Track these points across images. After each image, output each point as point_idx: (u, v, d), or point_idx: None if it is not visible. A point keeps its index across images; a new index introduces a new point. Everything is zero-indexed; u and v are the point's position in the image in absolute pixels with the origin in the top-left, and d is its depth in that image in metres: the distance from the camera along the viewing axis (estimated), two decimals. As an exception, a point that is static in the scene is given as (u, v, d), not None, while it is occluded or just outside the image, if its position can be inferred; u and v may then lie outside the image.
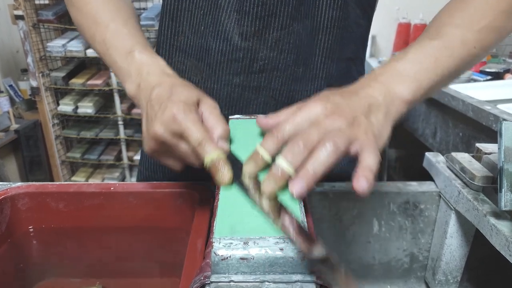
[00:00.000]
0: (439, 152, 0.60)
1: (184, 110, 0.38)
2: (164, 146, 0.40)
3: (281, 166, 0.33)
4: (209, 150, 0.37)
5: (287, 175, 0.33)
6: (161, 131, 0.38)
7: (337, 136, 0.33)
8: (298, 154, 0.33)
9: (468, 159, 0.52)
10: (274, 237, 0.29)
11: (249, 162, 0.35)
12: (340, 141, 0.33)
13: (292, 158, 0.33)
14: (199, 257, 0.38)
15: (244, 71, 0.52)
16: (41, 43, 1.95)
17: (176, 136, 0.38)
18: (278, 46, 0.51)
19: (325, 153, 0.32)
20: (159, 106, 0.39)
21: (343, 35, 0.53)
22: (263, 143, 0.35)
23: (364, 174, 0.32)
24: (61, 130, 2.12)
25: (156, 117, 0.38)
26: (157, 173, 0.65)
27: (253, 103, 0.55)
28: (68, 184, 0.52)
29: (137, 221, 0.52)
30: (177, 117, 0.37)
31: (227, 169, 0.36)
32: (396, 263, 0.60)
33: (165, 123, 0.38)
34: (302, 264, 0.29)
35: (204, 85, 0.55)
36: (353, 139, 0.34)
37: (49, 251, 0.54)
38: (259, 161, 0.35)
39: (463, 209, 0.48)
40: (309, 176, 0.32)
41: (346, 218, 0.57)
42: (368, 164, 0.33)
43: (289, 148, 0.33)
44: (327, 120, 0.34)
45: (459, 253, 0.53)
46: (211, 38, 0.52)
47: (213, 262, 0.29)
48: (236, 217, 0.31)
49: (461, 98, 1.22)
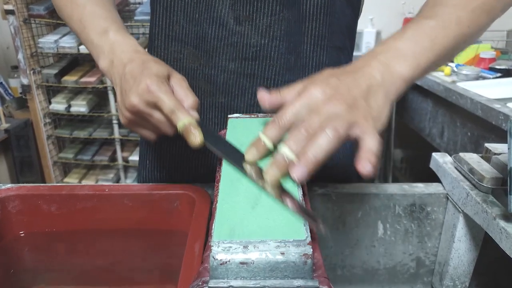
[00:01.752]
0: (446, 152, 0.61)
1: (157, 82, 0.44)
2: (139, 116, 0.46)
3: (284, 154, 0.35)
4: (181, 117, 0.43)
5: (289, 162, 0.35)
6: (137, 101, 0.44)
7: (337, 122, 0.35)
8: (300, 141, 0.35)
9: (477, 159, 0.52)
10: (275, 241, 0.29)
11: (251, 149, 0.38)
12: (340, 127, 0.35)
13: (295, 146, 0.35)
14: (197, 261, 0.38)
15: (238, 57, 0.55)
16: (32, 39, 1.95)
17: (150, 105, 0.44)
18: (269, 32, 0.54)
19: (326, 139, 0.34)
20: (133, 80, 0.45)
21: (331, 22, 0.56)
22: (266, 131, 0.37)
23: (367, 157, 0.34)
24: (53, 130, 2.12)
25: (132, 90, 0.44)
26: (154, 172, 0.66)
27: (248, 91, 0.57)
28: (60, 185, 0.52)
29: (132, 224, 0.52)
30: (151, 88, 0.43)
31: (198, 131, 0.43)
32: (401, 267, 0.60)
33: (140, 94, 0.44)
34: (304, 269, 0.29)
35: (202, 71, 0.58)
36: (352, 124, 0.36)
37: (40, 256, 0.54)
38: (261, 148, 0.37)
39: (472, 212, 0.48)
40: (310, 162, 0.34)
41: (350, 220, 0.57)
42: (369, 147, 0.35)
43: (291, 136, 0.36)
44: (326, 105, 0.36)
45: (468, 257, 0.53)
46: (206, 24, 0.55)
47: (211, 266, 0.29)
48: (236, 219, 0.31)
49: (469, 96, 1.22)
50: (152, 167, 0.66)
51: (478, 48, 1.66)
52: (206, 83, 0.58)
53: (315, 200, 0.56)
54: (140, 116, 0.46)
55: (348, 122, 0.35)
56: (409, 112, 1.79)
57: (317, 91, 0.37)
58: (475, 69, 1.49)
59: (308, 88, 0.38)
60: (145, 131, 0.49)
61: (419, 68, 0.42)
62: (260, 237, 0.29)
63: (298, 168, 0.34)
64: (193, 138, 0.43)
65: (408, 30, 0.44)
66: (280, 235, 0.29)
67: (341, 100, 0.36)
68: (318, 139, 0.34)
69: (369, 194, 0.56)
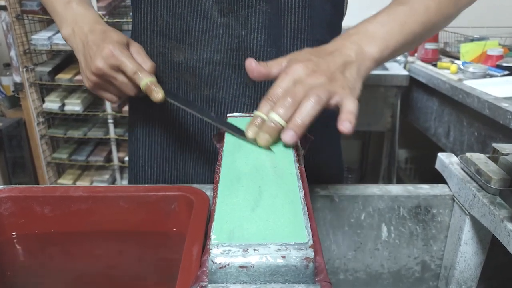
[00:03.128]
0: (452, 152, 0.61)
1: (119, 48, 0.52)
2: (104, 79, 0.54)
3: (274, 119, 0.41)
4: (143, 77, 0.52)
5: (279, 127, 0.41)
6: (102, 65, 0.52)
7: (319, 90, 0.41)
8: (287, 108, 0.41)
9: (484, 160, 0.52)
10: (276, 244, 0.29)
11: (251, 127, 0.43)
12: (322, 94, 0.41)
13: (283, 112, 0.41)
14: (195, 265, 0.38)
15: (224, 48, 0.58)
16: (25, 35, 1.95)
17: (114, 69, 0.52)
18: (247, 24, 0.57)
19: (310, 105, 0.40)
20: (96, 46, 0.52)
21: (310, 15, 0.58)
22: (260, 108, 0.43)
23: (347, 118, 0.40)
24: (46, 129, 2.12)
25: (96, 55, 0.52)
26: (145, 168, 0.68)
27: (234, 83, 0.60)
28: (54, 187, 0.52)
29: (128, 226, 0.52)
30: (114, 53, 0.51)
31: (159, 88, 0.52)
32: (406, 271, 0.60)
33: (104, 58, 0.51)
34: (306, 273, 0.29)
35: (187, 65, 0.60)
36: (333, 93, 0.42)
37: (33, 259, 0.54)
38: (260, 123, 0.42)
39: (479, 214, 0.48)
40: (298, 125, 0.40)
41: (353, 223, 0.57)
42: (349, 109, 0.41)
43: (279, 104, 0.41)
44: (309, 78, 0.43)
45: (474, 261, 0.53)
46: (191, 18, 0.58)
47: (210, 270, 0.29)
48: (235, 222, 0.31)
49: (476, 94, 1.22)
50: (143, 162, 0.68)
51: (485, 45, 1.66)
52: (191, 76, 0.60)
53: (316, 202, 0.56)
54: (104, 79, 0.54)
55: (328, 91, 0.41)
56: (414, 111, 1.79)
57: (301, 67, 0.43)
58: (482, 67, 1.49)
59: (293, 65, 0.44)
60: (109, 94, 0.57)
61: (388, 50, 0.49)
62: (260, 240, 0.29)
63: (288, 132, 0.40)
64: (155, 94, 0.52)
65: (381, 14, 0.51)
66: (281, 238, 0.29)
67: (322, 74, 0.43)
68: (304, 105, 0.40)
69: (373, 195, 0.56)
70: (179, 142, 0.66)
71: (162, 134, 0.66)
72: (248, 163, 0.39)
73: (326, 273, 0.30)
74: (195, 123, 0.63)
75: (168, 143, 0.66)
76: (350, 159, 2.37)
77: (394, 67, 1.74)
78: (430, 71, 1.59)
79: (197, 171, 0.66)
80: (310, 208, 0.36)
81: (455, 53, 1.78)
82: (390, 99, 1.70)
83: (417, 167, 2.24)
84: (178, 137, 0.66)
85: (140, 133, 0.67)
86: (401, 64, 1.77)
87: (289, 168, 0.38)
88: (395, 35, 0.49)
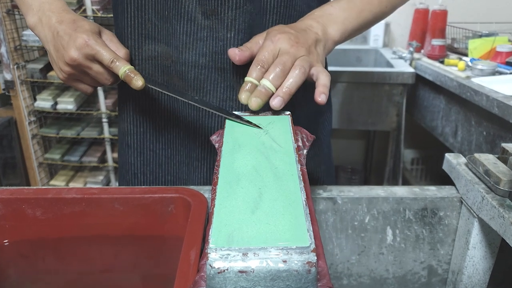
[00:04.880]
0: (460, 153, 0.61)
1: (93, 37, 0.53)
2: (78, 69, 0.54)
3: (265, 85, 0.48)
4: (121, 65, 0.53)
5: (270, 92, 0.48)
6: (76, 55, 0.52)
7: (303, 62, 0.49)
8: (278, 76, 0.48)
9: (493, 160, 0.52)
10: (277, 248, 0.29)
11: (243, 92, 0.49)
12: (306, 66, 0.49)
13: (273, 80, 0.48)
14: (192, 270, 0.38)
15: (208, 51, 0.59)
16: (16, 31, 1.96)
17: (89, 58, 0.53)
18: (234, 26, 0.58)
19: (298, 75, 0.48)
20: (68, 36, 0.52)
21: (290, 14, 0.61)
22: (250, 74, 0.50)
23: (322, 91, 0.48)
24: (38, 129, 2.12)
25: (69, 45, 0.52)
26: (138, 175, 0.69)
27: (220, 86, 0.61)
28: (46, 189, 0.52)
29: (123, 230, 0.52)
30: (88, 42, 0.52)
31: (139, 75, 0.53)
32: (412, 276, 0.60)
33: (79, 48, 0.52)
34: (308, 278, 0.29)
35: (175, 68, 0.61)
36: (311, 64, 0.51)
37: (25, 264, 0.54)
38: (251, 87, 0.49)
39: (487, 217, 0.48)
40: (285, 92, 0.48)
41: (357, 226, 0.58)
42: (324, 83, 0.49)
43: (270, 71, 0.49)
44: (293, 49, 0.50)
45: (483, 266, 0.54)
46: (175, 20, 0.59)
47: (208, 275, 0.29)
48: (234, 225, 0.31)
49: (485, 93, 1.22)
50: (135, 169, 0.69)
51: (494, 41, 1.66)
52: (179, 80, 0.61)
53: (319, 204, 0.56)
54: (79, 70, 0.54)
55: (309, 63, 0.50)
56: (420, 109, 1.79)
57: (285, 37, 0.50)
58: (491, 64, 1.49)
59: (277, 35, 0.51)
60: (83, 85, 0.58)
61: (346, 33, 0.58)
62: (260, 243, 0.29)
63: (277, 98, 0.47)
64: (135, 82, 0.53)
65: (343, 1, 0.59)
66: (282, 241, 0.30)
67: (302, 46, 0.51)
68: (292, 74, 0.48)
69: (377, 197, 0.56)
70: (171, 147, 0.66)
71: (154, 139, 0.67)
72: (248, 163, 0.39)
73: (329, 278, 0.30)
74: (187, 127, 0.64)
75: (160, 148, 0.67)
76: (353, 159, 2.37)
77: (400, 64, 1.74)
78: (437, 68, 1.59)
79: (190, 175, 0.66)
80: (312, 211, 0.36)
81: (463, 50, 1.78)
82: (395, 97, 1.70)
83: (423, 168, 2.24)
84: (170, 142, 0.66)
85: (131, 140, 0.68)
86: (407, 61, 1.77)
87: (290, 169, 0.38)
88: (352, 21, 0.58)
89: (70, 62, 0.53)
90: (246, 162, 0.40)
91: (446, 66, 1.59)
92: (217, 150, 0.44)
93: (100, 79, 0.56)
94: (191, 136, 0.64)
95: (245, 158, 0.40)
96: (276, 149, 0.42)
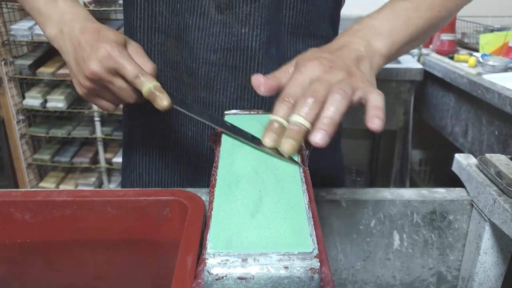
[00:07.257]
0: (471, 153, 0.61)
1: (117, 48, 0.49)
2: (99, 84, 0.50)
3: (297, 121, 0.40)
4: (146, 81, 0.49)
5: (304, 129, 0.40)
6: (98, 68, 0.48)
7: (342, 85, 0.41)
8: (310, 108, 0.40)
9: (505, 161, 0.52)
10: (278, 253, 0.29)
11: (268, 134, 0.41)
12: (347, 89, 0.41)
13: (306, 113, 0.40)
14: (189, 276, 0.38)
15: (220, 47, 0.58)
16: (4, 25, 1.96)
17: (111, 72, 0.49)
18: (249, 21, 0.57)
19: (338, 100, 0.40)
20: (90, 47, 0.49)
21: (308, 9, 0.60)
22: (276, 112, 0.42)
23: (375, 114, 0.40)
24: (27, 128, 2.12)
25: (90, 57, 0.48)
26: (143, 175, 0.68)
27: (231, 85, 0.60)
28: (35, 191, 0.52)
29: (116, 234, 0.52)
30: (112, 54, 0.48)
31: (165, 94, 0.49)
32: (420, 283, 0.60)
33: (100, 61, 0.48)
34: (311, 285, 0.29)
35: (185, 64, 0.61)
36: (355, 89, 0.42)
37: (13, 270, 0.54)
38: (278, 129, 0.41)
39: (499, 221, 0.49)
40: (328, 124, 0.39)
41: (362, 230, 0.58)
42: (376, 104, 0.40)
43: (300, 104, 0.40)
44: (327, 75, 0.42)
45: (495, 272, 0.54)
46: (188, 14, 0.58)
47: (205, 282, 0.29)
48: (233, 229, 0.31)
49: (497, 90, 1.22)
50: (140, 169, 0.69)
51: (506, 35, 1.66)
52: (188, 77, 0.61)
53: (322, 207, 0.56)
54: (100, 84, 0.51)
55: (351, 85, 0.41)
56: (429, 108, 1.79)
57: (316, 64, 0.43)
58: (503, 60, 1.49)
59: (306, 63, 0.44)
60: (104, 101, 0.54)
61: (395, 46, 0.51)
62: (260, 249, 0.29)
63: (317, 133, 0.39)
64: (159, 101, 0.48)
65: (384, 10, 0.53)
66: (284, 246, 0.30)
67: (339, 69, 0.43)
68: (330, 101, 0.40)
69: (384, 200, 0.57)
70: (179, 147, 0.66)
71: (161, 138, 0.66)
72: (247, 165, 0.39)
73: (333, 285, 0.30)
74: (195, 126, 0.63)
75: (167, 148, 0.67)
76: (359, 160, 2.37)
77: (407, 60, 1.74)
78: (446, 64, 1.59)
79: (198, 176, 0.66)
80: (315, 214, 0.36)
81: (474, 45, 1.78)
82: (402, 95, 1.70)
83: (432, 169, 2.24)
84: (177, 142, 0.66)
85: (137, 139, 0.68)
86: (415, 56, 1.77)
87: (292, 170, 0.38)
88: (400, 31, 0.51)
89: (91, 76, 0.49)
90: (245, 163, 0.40)
91: (456, 62, 1.60)
92: (215, 151, 0.44)
93: (122, 96, 0.51)
94: (200, 135, 0.64)
95: (244, 159, 0.40)
96: None
